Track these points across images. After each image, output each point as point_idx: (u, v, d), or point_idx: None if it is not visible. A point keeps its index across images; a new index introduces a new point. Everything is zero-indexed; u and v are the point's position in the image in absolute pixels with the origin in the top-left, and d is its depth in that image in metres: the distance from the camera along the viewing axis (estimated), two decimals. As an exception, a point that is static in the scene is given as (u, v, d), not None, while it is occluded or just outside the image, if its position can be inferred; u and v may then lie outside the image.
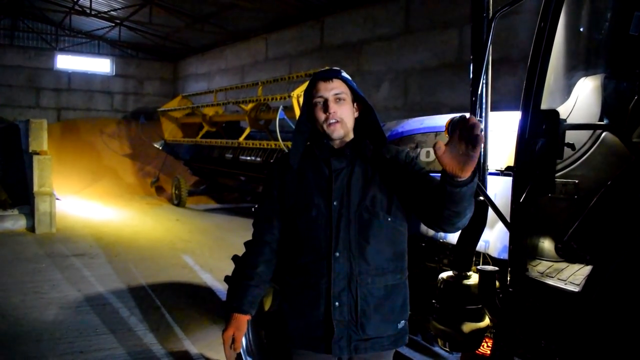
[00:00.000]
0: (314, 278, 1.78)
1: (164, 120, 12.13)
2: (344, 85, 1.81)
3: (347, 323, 1.76)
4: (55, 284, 5.41)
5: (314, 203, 1.79)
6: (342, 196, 1.77)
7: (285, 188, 1.86)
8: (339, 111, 1.78)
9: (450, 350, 2.61)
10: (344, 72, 1.84)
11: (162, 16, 14.07)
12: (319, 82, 1.80)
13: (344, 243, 1.76)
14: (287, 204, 1.85)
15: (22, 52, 17.58)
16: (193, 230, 8.74)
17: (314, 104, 1.81)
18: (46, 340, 3.98)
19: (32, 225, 7.98)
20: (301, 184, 1.83)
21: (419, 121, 3.23)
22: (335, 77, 1.80)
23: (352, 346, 1.77)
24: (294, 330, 1.84)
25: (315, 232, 1.79)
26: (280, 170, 1.89)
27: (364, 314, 1.77)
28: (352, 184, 1.78)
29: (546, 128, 2.00)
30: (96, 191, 12.17)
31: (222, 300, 4.87)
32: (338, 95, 1.79)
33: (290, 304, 1.86)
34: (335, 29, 11.49)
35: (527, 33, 2.48)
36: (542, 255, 2.30)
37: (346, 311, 1.76)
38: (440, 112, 7.78)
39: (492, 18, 2.25)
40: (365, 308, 1.77)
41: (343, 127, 1.80)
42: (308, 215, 1.80)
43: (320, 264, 1.77)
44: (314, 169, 1.84)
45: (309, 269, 1.80)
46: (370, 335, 1.79)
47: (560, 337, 1.96)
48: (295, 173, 1.85)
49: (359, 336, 1.77)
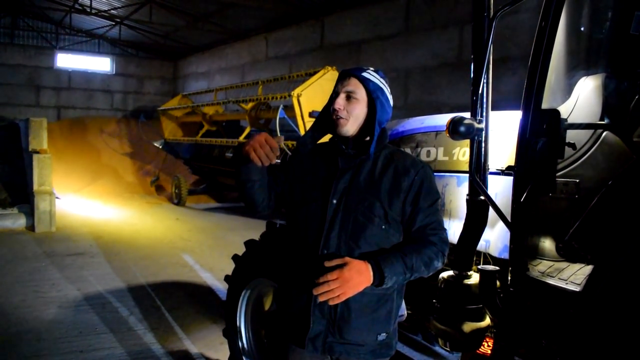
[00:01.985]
0: (302, 271, 1.80)
1: (164, 119, 12.13)
2: (360, 85, 1.80)
3: (326, 323, 1.76)
4: (54, 283, 5.41)
5: (313, 197, 1.82)
6: (342, 196, 1.78)
7: (292, 175, 1.91)
8: (346, 108, 1.79)
9: (450, 350, 2.61)
10: (371, 73, 1.82)
11: (162, 15, 14.06)
12: (341, 77, 1.84)
13: (334, 242, 1.76)
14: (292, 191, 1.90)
15: (22, 50, 17.57)
16: (193, 229, 8.74)
17: (331, 97, 1.85)
18: (46, 339, 3.97)
19: (31, 224, 7.98)
20: (306, 176, 1.88)
21: (420, 121, 3.23)
22: (352, 76, 1.81)
23: (327, 346, 1.77)
24: (284, 321, 1.88)
25: (310, 224, 1.81)
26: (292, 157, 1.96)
27: (342, 317, 1.75)
28: (353, 185, 1.79)
29: (547, 127, 2.00)
30: (96, 190, 12.17)
31: (222, 299, 4.87)
32: (349, 94, 1.80)
33: (283, 294, 1.90)
34: (335, 28, 11.49)
35: (528, 32, 2.48)
36: (543, 255, 2.30)
37: (326, 310, 1.76)
38: (441, 112, 7.78)
39: (493, 18, 2.25)
40: (345, 311, 1.75)
41: (348, 124, 1.80)
42: (308, 207, 1.83)
43: (308, 256, 1.79)
44: (321, 164, 1.88)
45: (299, 260, 1.83)
46: (347, 340, 1.77)
47: (561, 337, 1.95)
48: (302, 162, 1.92)
49: (334, 338, 1.77)
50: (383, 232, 1.77)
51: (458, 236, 2.54)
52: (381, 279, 1.66)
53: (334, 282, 1.61)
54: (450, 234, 2.84)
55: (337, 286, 1.61)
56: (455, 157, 2.88)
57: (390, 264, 1.68)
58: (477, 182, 2.32)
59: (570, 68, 2.47)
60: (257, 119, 9.62)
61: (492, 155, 2.41)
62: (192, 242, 7.72)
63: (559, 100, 2.40)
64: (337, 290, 1.61)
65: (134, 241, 7.59)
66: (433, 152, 3.01)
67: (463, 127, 2.22)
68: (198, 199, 11.70)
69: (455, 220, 2.83)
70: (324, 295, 1.62)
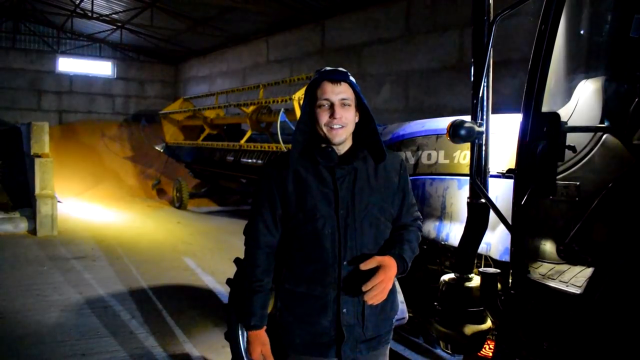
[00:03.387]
0: (320, 287, 1.77)
1: (165, 123, 12.15)
2: (350, 89, 1.76)
3: (353, 326, 1.78)
4: (56, 286, 5.41)
5: (320, 213, 1.75)
6: (347, 205, 1.76)
7: (286, 193, 1.79)
8: (344, 117, 1.74)
9: (452, 353, 2.61)
10: (350, 75, 1.78)
11: (163, 19, 14.10)
12: (326, 82, 1.74)
13: (351, 252, 1.75)
14: (290, 210, 1.79)
15: (23, 55, 17.63)
16: (194, 232, 8.74)
17: (318, 105, 1.75)
18: (48, 342, 3.98)
19: (33, 227, 7.99)
20: (303, 191, 1.78)
21: (421, 124, 3.24)
22: (343, 81, 1.74)
23: (358, 348, 1.80)
24: (297, 337, 1.83)
25: (321, 242, 1.76)
26: (279, 172, 1.81)
27: (369, 317, 1.80)
28: (355, 193, 1.77)
29: (547, 131, 2.01)
30: (97, 194, 12.19)
31: (224, 302, 4.87)
32: (344, 100, 1.74)
33: (293, 313, 1.83)
34: (336, 31, 11.51)
35: (528, 35, 2.49)
36: (543, 258, 2.30)
37: (352, 316, 1.77)
38: (442, 115, 7.78)
39: (493, 21, 2.26)
40: (370, 312, 1.80)
41: (345, 132, 1.76)
42: (314, 225, 1.76)
43: (327, 273, 1.76)
44: (315, 175, 1.78)
45: (314, 278, 1.78)
46: (373, 335, 1.83)
47: (562, 339, 1.96)
48: (294, 176, 1.79)
49: (363, 337, 1.80)
50: (386, 229, 1.85)
51: (459, 239, 2.55)
52: (404, 267, 1.80)
53: (381, 283, 1.67)
54: (450, 236, 2.86)
55: (385, 286, 1.69)
56: (456, 160, 2.89)
57: (405, 252, 1.81)
58: (477, 185, 2.33)
59: (570, 71, 2.48)
60: (258, 123, 9.62)
61: (492, 158, 2.42)
62: (193, 245, 7.73)
63: (559, 104, 2.41)
64: (385, 290, 1.70)
65: (135, 245, 7.59)
66: (434, 156, 3.02)
67: (464, 130, 2.23)
68: (199, 203, 11.70)
69: (456, 223, 2.84)
70: (376, 298, 1.68)
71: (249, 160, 9.33)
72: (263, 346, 1.87)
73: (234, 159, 9.68)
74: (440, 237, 2.91)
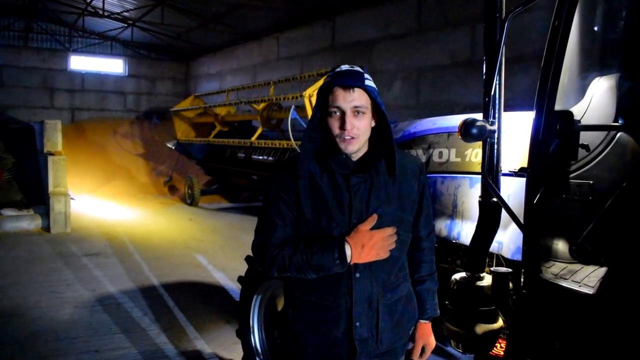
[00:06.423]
0: (332, 297, 1.72)
1: (176, 120, 12.21)
2: (364, 95, 1.61)
3: (367, 340, 1.73)
4: (70, 283, 5.47)
5: (335, 222, 1.67)
6: (360, 215, 1.67)
7: (300, 199, 1.70)
8: (356, 126, 1.61)
9: (463, 352, 2.60)
10: (367, 76, 1.63)
11: (174, 16, 14.15)
12: (338, 89, 1.60)
13: (365, 263, 1.68)
14: (302, 217, 1.71)
15: (36, 53, 17.77)
16: (206, 229, 8.79)
17: (328, 113, 1.63)
18: (63, 339, 4.03)
19: (47, 225, 8.08)
20: (316, 198, 1.69)
21: (432, 122, 3.22)
22: (357, 87, 1.60)
23: None
24: (309, 347, 1.78)
25: None
26: (291, 177, 1.71)
27: (383, 330, 1.75)
28: (371, 202, 1.68)
29: (560, 129, 1.99)
30: (110, 191, 12.29)
31: (235, 299, 4.90)
32: (357, 108, 1.60)
33: (305, 322, 1.78)
34: (346, 27, 11.48)
35: (541, 31, 2.46)
36: (556, 257, 2.28)
37: (366, 329, 1.72)
38: (453, 111, 7.75)
39: (505, 19, 2.24)
40: (385, 325, 1.75)
41: (358, 143, 1.64)
42: (329, 234, 1.67)
43: (340, 284, 1.70)
44: (329, 182, 1.69)
45: (326, 287, 1.72)
46: (388, 348, 1.78)
47: (575, 340, 1.94)
48: (307, 183, 1.70)
49: (377, 351, 1.75)
50: (403, 239, 1.77)
51: (470, 238, 2.53)
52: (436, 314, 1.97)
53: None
54: (462, 235, 2.84)
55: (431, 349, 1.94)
56: (468, 158, 2.87)
57: (434, 309, 1.96)
58: (489, 183, 2.31)
59: (584, 68, 2.45)
60: (268, 120, 9.64)
61: (504, 156, 2.40)
62: (205, 242, 7.77)
63: (572, 101, 2.38)
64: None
65: (147, 242, 7.65)
66: (445, 154, 3.00)
67: (475, 129, 2.21)
68: (211, 199, 11.76)
69: (467, 222, 2.82)
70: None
71: (260, 157, 9.36)
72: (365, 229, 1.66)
73: (245, 156, 9.71)
74: (452, 236, 2.90)
